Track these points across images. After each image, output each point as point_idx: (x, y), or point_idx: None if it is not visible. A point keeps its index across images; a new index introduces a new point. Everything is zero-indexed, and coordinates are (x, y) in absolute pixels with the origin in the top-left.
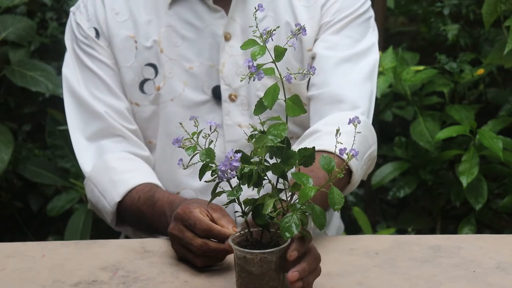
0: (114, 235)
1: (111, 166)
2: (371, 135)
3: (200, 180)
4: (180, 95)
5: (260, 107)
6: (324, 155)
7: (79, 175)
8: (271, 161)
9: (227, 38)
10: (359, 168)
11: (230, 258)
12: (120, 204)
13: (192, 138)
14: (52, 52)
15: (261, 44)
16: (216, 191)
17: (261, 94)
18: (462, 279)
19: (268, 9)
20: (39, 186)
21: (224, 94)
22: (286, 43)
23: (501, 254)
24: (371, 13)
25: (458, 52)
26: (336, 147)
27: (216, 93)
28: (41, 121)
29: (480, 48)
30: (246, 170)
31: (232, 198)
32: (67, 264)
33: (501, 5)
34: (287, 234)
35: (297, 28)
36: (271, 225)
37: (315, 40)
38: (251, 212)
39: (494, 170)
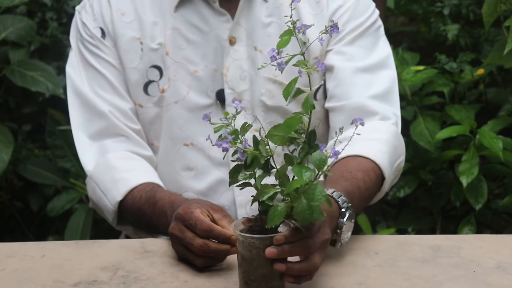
0: (114, 235)
1: (113, 165)
2: (401, 146)
3: (224, 158)
4: (184, 98)
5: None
6: (318, 151)
7: (79, 175)
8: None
9: (232, 42)
10: (390, 177)
11: (230, 258)
12: (122, 203)
13: (226, 117)
14: (52, 52)
15: (298, 35)
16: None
17: (265, 99)
18: (462, 279)
19: (274, 15)
20: (39, 186)
21: (228, 98)
22: (316, 39)
23: (501, 254)
24: (381, 22)
25: (458, 52)
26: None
27: (220, 97)
28: (41, 121)
29: (480, 48)
30: (248, 154)
31: (246, 181)
32: (67, 264)
33: (501, 5)
34: (270, 223)
35: (329, 24)
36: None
37: (327, 51)
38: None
39: (494, 170)
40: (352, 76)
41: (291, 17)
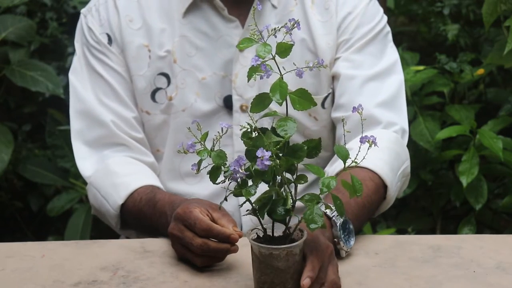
0: (114, 235)
1: (113, 170)
2: (404, 152)
3: (214, 183)
4: (192, 106)
5: (257, 105)
6: (338, 145)
7: (79, 175)
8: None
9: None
10: (393, 183)
11: (230, 258)
12: (123, 206)
13: (200, 142)
14: (52, 52)
15: (259, 42)
16: (227, 194)
17: (272, 106)
18: (462, 279)
19: (283, 21)
20: (39, 186)
21: (236, 104)
22: (287, 38)
23: (501, 254)
24: (389, 28)
25: (458, 52)
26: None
27: (227, 103)
28: (41, 121)
29: (480, 48)
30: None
31: (249, 197)
32: (67, 264)
33: (501, 5)
34: (313, 226)
35: (292, 23)
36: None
37: (336, 59)
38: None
39: (494, 170)
40: (359, 86)
41: (255, 24)
